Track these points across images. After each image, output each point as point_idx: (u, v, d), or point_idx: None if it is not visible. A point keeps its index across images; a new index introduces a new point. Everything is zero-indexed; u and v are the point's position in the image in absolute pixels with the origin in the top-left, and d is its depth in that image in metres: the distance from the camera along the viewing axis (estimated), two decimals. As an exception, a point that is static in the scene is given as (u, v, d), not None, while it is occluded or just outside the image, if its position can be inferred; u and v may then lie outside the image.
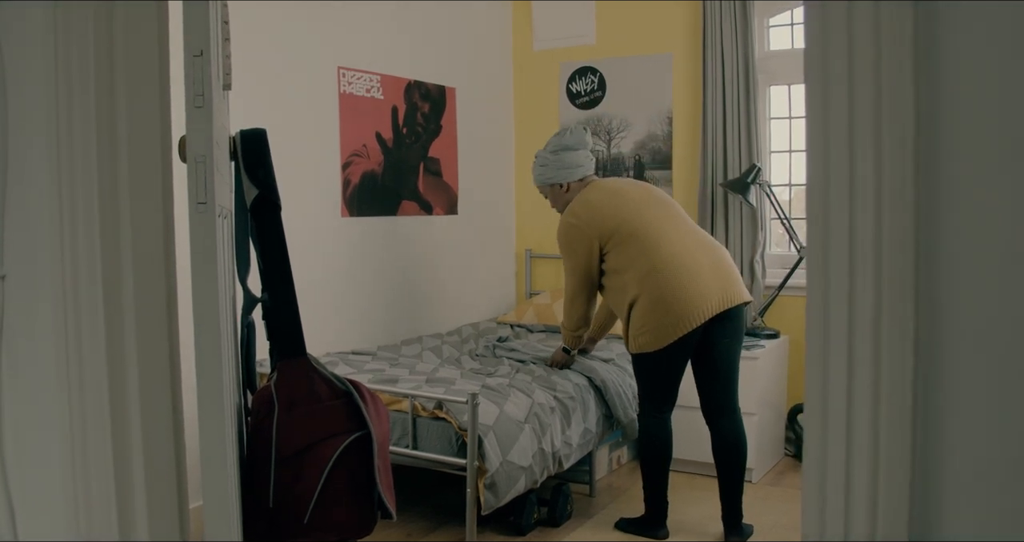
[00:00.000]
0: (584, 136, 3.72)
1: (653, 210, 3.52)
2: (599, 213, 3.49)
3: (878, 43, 0.98)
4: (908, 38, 0.97)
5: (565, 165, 3.66)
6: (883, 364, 1.01)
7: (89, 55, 1.48)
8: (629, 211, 3.48)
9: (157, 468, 1.55)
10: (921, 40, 0.98)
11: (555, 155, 3.69)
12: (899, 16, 0.98)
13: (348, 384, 2.14)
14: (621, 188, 3.60)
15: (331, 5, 4.35)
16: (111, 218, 1.50)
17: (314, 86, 4.29)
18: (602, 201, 3.52)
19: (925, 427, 1.03)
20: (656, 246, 3.41)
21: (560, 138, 3.71)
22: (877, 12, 0.97)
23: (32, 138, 1.54)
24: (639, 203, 3.52)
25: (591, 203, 3.53)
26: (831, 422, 1.03)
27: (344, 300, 4.48)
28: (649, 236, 3.43)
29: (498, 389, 3.57)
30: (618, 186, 3.62)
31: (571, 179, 3.67)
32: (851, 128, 1.01)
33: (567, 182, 3.67)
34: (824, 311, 1.04)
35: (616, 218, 3.47)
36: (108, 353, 1.48)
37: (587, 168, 3.69)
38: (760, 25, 4.95)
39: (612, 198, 3.53)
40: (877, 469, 1.01)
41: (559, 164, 3.67)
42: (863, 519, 1.00)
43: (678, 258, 3.38)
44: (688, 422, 3.98)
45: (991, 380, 1.02)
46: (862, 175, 1.00)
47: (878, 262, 1.00)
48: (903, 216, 0.99)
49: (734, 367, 3.56)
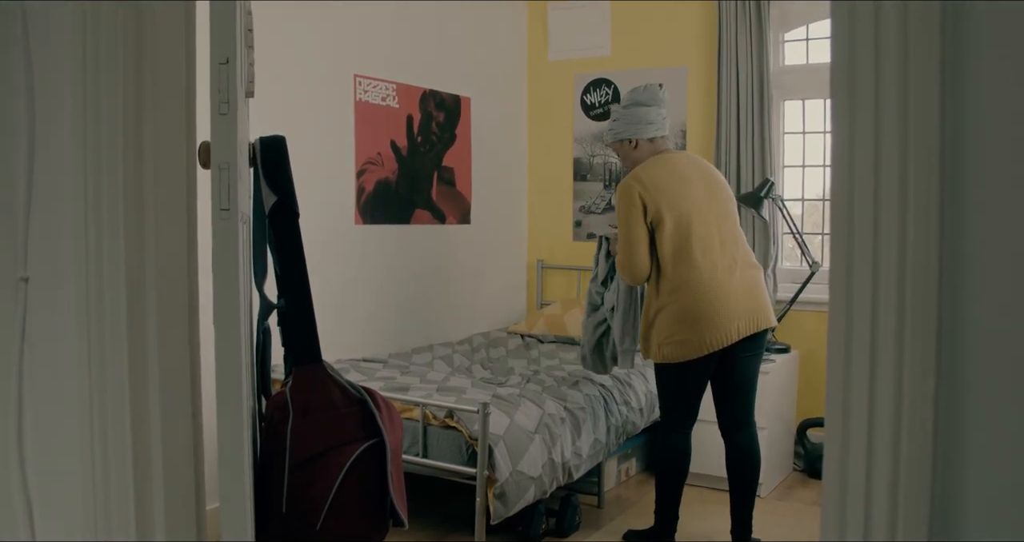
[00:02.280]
0: (658, 93, 3.56)
1: (708, 211, 3.40)
2: (656, 197, 3.35)
3: (904, 57, 0.99)
4: (935, 52, 0.98)
5: (633, 120, 3.52)
6: (905, 378, 1.01)
7: (117, 59, 1.50)
8: (686, 206, 3.36)
9: (176, 470, 1.56)
10: (948, 54, 0.99)
11: (626, 109, 3.56)
12: (926, 30, 0.98)
13: (363, 391, 2.15)
14: (689, 176, 3.44)
15: (348, 13, 4.37)
16: (135, 222, 1.51)
17: (330, 94, 4.32)
18: (666, 185, 3.38)
19: (946, 441, 1.03)
20: (695, 255, 3.33)
21: (633, 93, 3.58)
22: (904, 26, 0.98)
23: (58, 141, 1.55)
24: (698, 202, 3.39)
25: (656, 183, 3.38)
26: (852, 436, 1.03)
27: (356, 307, 4.49)
28: (692, 242, 3.34)
29: (509, 399, 3.57)
30: (687, 172, 3.45)
31: (640, 136, 3.52)
32: (876, 143, 1.01)
33: (636, 139, 3.52)
34: (847, 327, 1.04)
35: (672, 210, 3.34)
36: (130, 357, 1.49)
37: (658, 127, 3.53)
38: (775, 40, 4.96)
39: (677, 185, 3.39)
40: (897, 483, 1.01)
41: (628, 118, 3.53)
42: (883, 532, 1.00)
43: (713, 275, 3.33)
44: (702, 436, 3.97)
45: (1014, 394, 1.03)
46: (886, 191, 1.01)
47: (901, 278, 1.00)
48: (927, 232, 1.00)
49: (753, 382, 3.55)
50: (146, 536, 1.51)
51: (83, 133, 1.50)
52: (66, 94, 1.53)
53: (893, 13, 0.98)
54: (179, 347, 1.56)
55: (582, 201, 5.63)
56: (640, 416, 4.15)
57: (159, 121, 1.53)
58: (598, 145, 5.53)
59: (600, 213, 5.55)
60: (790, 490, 4.48)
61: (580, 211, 5.64)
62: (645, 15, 5.33)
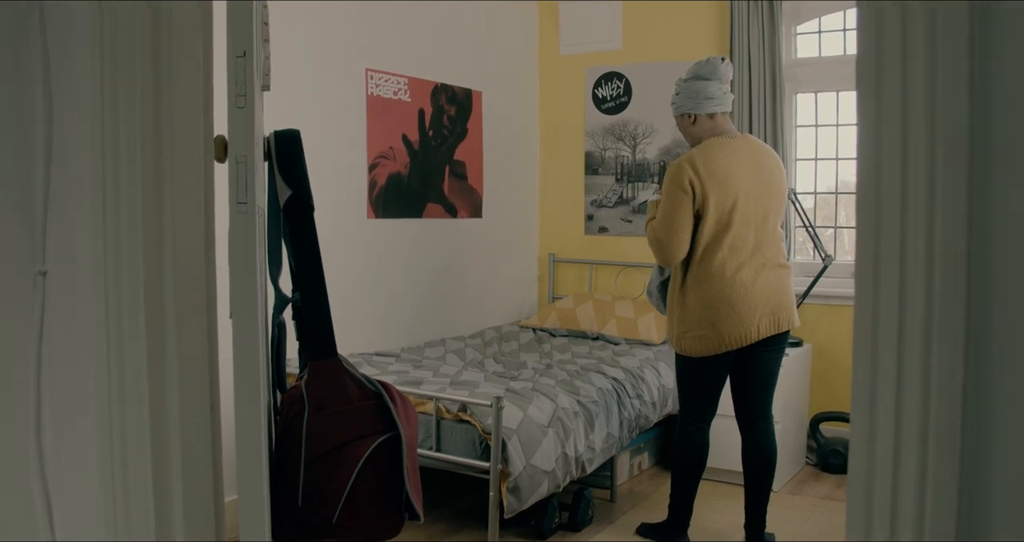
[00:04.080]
0: (719, 66, 3.44)
1: (752, 211, 3.34)
2: (707, 187, 3.27)
3: (933, 49, 0.97)
4: (964, 44, 0.96)
5: (693, 94, 3.42)
6: (933, 373, 1.00)
7: (134, 53, 1.49)
8: (730, 203, 3.29)
9: (194, 462, 1.56)
10: (976, 46, 0.98)
11: (687, 83, 3.47)
12: (955, 22, 0.97)
13: (378, 385, 2.15)
14: (742, 172, 3.34)
15: (359, 7, 4.37)
16: (154, 217, 1.51)
17: (342, 88, 4.31)
18: (719, 177, 3.29)
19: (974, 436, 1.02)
20: (723, 253, 3.30)
21: (695, 66, 3.48)
22: (932, 18, 0.97)
23: (76, 136, 1.55)
24: (744, 199, 3.31)
25: (710, 172, 3.29)
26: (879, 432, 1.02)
27: (368, 301, 4.49)
28: (725, 240, 3.30)
29: (522, 393, 3.57)
30: (742, 166, 3.35)
31: (699, 111, 3.43)
32: (904, 137, 1.00)
33: (694, 114, 3.43)
34: (873, 322, 1.03)
35: (717, 205, 3.27)
36: (148, 350, 1.49)
37: (719, 103, 3.43)
38: (787, 33, 4.94)
39: (729, 180, 3.29)
40: (925, 480, 1.00)
41: (688, 92, 3.44)
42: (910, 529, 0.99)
43: (736, 276, 3.31)
44: (718, 430, 3.95)
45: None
46: (914, 181, 0.99)
47: (929, 273, 0.99)
48: (956, 226, 0.99)
49: (772, 379, 3.53)
50: (164, 528, 1.51)
51: (100, 127, 1.50)
52: (84, 89, 1.53)
53: (921, 2, 0.97)
54: (197, 340, 1.56)
55: (594, 195, 5.61)
56: (653, 410, 4.15)
57: (177, 115, 1.53)
58: (610, 139, 5.52)
59: (612, 207, 5.54)
60: (803, 484, 4.47)
61: (592, 205, 5.63)
62: (656, 9, 5.31)
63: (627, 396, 3.98)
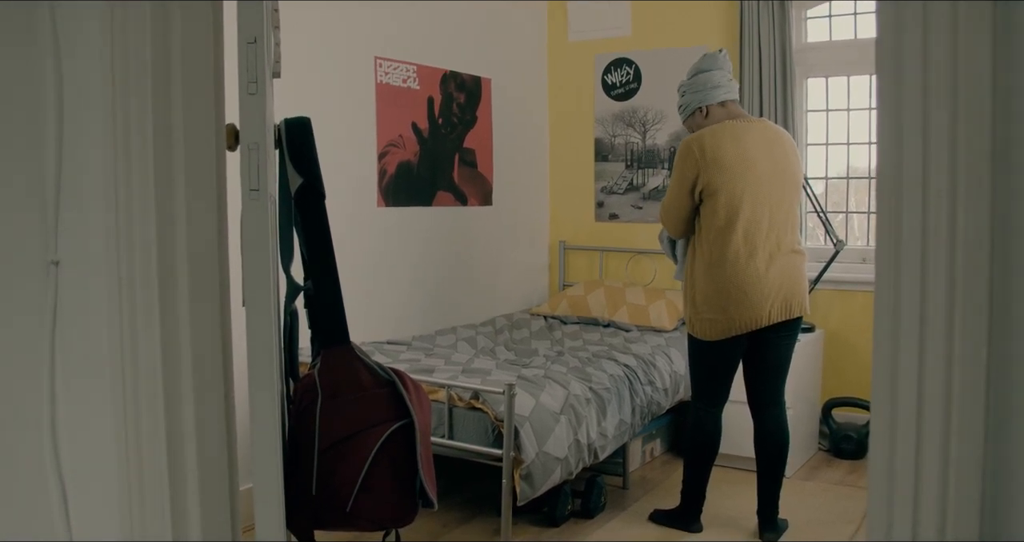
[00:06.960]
0: (718, 57, 3.47)
1: (765, 195, 3.31)
2: (714, 170, 3.27)
3: (954, 32, 0.96)
4: (987, 27, 0.95)
5: (699, 87, 3.43)
6: (955, 362, 0.99)
7: (145, 42, 1.48)
8: (741, 187, 3.27)
9: (209, 450, 1.56)
10: (999, 29, 0.96)
11: (691, 79, 3.48)
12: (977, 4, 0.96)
13: (391, 373, 2.15)
14: (756, 155, 3.31)
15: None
16: (166, 205, 1.50)
17: (351, 76, 4.30)
18: (728, 160, 3.27)
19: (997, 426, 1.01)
20: (736, 237, 3.29)
21: (695, 64, 3.50)
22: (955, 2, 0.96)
23: (87, 125, 1.55)
24: (757, 183, 3.29)
25: (717, 155, 3.28)
26: (900, 421, 1.01)
27: (378, 290, 4.49)
28: (738, 224, 3.28)
29: (534, 380, 3.57)
30: (755, 149, 3.32)
31: (708, 101, 3.42)
32: (925, 120, 0.99)
33: (705, 106, 3.43)
34: (895, 309, 1.02)
35: (727, 187, 3.27)
36: (162, 339, 1.49)
37: (727, 90, 3.44)
38: (798, 17, 4.91)
39: (740, 162, 3.28)
40: (947, 469, 0.99)
41: (693, 87, 3.45)
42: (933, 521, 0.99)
43: (749, 261, 3.29)
44: (730, 416, 3.94)
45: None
46: (935, 168, 0.98)
47: (951, 260, 0.98)
48: (978, 211, 0.97)
49: (785, 365, 3.53)
50: (179, 516, 1.51)
51: (112, 116, 1.49)
52: (94, 77, 1.52)
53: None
54: (211, 329, 1.56)
55: (604, 182, 5.60)
56: (665, 396, 4.14)
57: (188, 103, 1.52)
58: (619, 125, 5.50)
59: (622, 193, 5.52)
60: (815, 470, 4.46)
61: (602, 192, 5.61)
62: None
63: (639, 383, 3.97)
